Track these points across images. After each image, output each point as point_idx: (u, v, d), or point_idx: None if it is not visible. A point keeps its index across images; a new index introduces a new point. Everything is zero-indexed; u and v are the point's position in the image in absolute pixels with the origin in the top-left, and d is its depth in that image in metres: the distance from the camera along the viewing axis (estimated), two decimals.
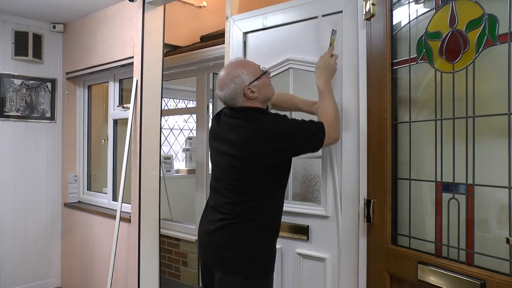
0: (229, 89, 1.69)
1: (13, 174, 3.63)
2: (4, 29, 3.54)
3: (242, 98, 1.70)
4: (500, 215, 1.33)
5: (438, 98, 1.47)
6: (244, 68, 1.70)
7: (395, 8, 1.64)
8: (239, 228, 1.68)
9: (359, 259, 1.78)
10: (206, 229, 1.79)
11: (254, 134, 1.64)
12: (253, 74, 1.70)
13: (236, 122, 1.71)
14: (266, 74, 1.75)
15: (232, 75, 1.69)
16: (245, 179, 1.69)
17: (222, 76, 1.72)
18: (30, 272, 3.72)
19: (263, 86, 1.72)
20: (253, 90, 1.69)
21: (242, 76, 1.68)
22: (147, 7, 2.93)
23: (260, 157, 1.65)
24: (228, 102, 1.73)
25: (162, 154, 4.38)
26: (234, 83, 1.68)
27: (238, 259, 1.69)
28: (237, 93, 1.68)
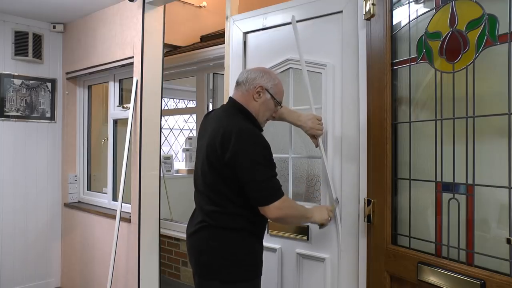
0: (257, 73, 1.75)
1: (13, 174, 3.63)
2: (4, 29, 3.54)
3: (250, 88, 1.73)
4: (500, 215, 1.33)
5: (438, 98, 1.47)
6: (278, 82, 1.78)
7: (395, 8, 1.64)
8: (215, 232, 1.65)
9: (359, 259, 1.79)
10: (188, 231, 1.80)
11: (232, 133, 1.58)
12: (275, 92, 1.76)
13: (227, 115, 1.71)
14: (278, 107, 1.80)
15: (269, 72, 1.78)
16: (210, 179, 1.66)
17: (264, 67, 1.85)
18: (30, 272, 3.72)
19: (267, 104, 1.75)
20: (261, 95, 1.73)
21: (272, 81, 1.75)
22: (147, 7, 2.93)
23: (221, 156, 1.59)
24: (243, 79, 1.75)
25: (162, 154, 4.37)
26: (263, 75, 1.75)
27: (214, 263, 1.65)
28: (255, 80, 1.73)
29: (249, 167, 1.58)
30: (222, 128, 1.62)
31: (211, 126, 1.72)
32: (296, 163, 2.13)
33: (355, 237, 1.84)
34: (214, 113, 1.85)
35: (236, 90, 1.79)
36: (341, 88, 1.92)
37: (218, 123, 1.68)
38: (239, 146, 1.57)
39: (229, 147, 1.57)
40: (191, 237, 1.75)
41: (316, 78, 2.04)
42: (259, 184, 1.58)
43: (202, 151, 1.72)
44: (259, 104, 1.73)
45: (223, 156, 1.58)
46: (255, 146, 1.60)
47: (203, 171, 1.69)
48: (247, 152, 1.58)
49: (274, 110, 1.79)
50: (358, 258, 1.80)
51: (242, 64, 2.32)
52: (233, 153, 1.56)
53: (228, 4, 2.44)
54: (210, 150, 1.64)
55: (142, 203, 2.91)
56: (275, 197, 1.59)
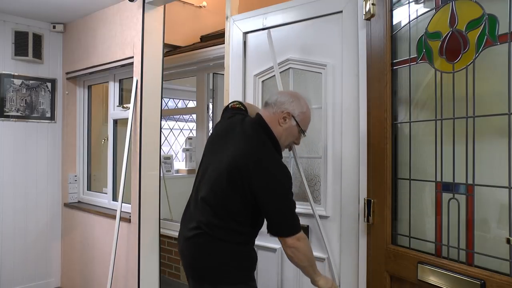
0: (289, 98, 1.74)
1: (13, 174, 3.63)
2: (4, 29, 3.54)
3: (277, 112, 1.72)
4: (500, 215, 1.33)
5: (438, 98, 1.47)
6: (307, 111, 1.77)
7: (395, 8, 1.64)
8: (213, 241, 1.64)
9: (359, 259, 1.79)
10: (182, 234, 1.76)
11: (258, 159, 1.61)
12: (301, 120, 1.74)
13: (253, 134, 1.68)
14: (300, 136, 1.80)
15: (297, 98, 1.76)
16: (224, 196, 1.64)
17: (294, 91, 1.85)
18: (30, 272, 3.72)
19: (291, 131, 1.74)
20: (287, 120, 1.72)
21: (300, 109, 1.74)
22: (147, 7, 2.93)
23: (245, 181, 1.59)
24: (273, 100, 1.75)
25: (162, 154, 4.37)
26: (294, 101, 1.73)
27: (211, 268, 1.65)
28: (284, 105, 1.72)
29: (275, 197, 1.60)
30: (250, 153, 1.62)
31: (236, 141, 1.67)
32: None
33: (355, 237, 1.84)
34: (239, 122, 1.76)
35: (264, 109, 1.78)
36: (341, 88, 1.92)
37: (246, 144, 1.65)
38: (268, 176, 1.59)
39: (257, 175, 1.58)
40: (187, 242, 1.71)
41: (316, 78, 2.04)
42: (284, 215, 1.61)
43: (220, 163, 1.66)
44: (283, 129, 1.72)
45: (249, 182, 1.58)
46: (282, 177, 1.62)
47: (218, 184, 1.64)
48: (275, 183, 1.60)
49: (297, 137, 1.79)
50: (358, 258, 1.80)
51: (242, 64, 2.32)
52: (260, 182, 1.58)
53: (228, 4, 2.43)
54: (234, 171, 1.60)
55: (142, 203, 2.91)
56: (297, 229, 1.62)
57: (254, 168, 1.58)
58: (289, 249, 1.62)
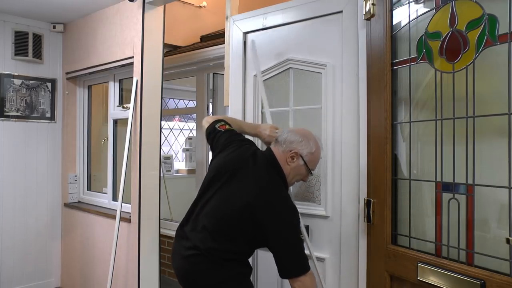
0: (295, 137, 1.75)
1: (13, 174, 3.63)
2: (4, 29, 3.54)
3: (286, 151, 1.74)
4: (500, 215, 1.33)
5: (438, 98, 1.47)
6: (316, 150, 1.77)
7: (395, 8, 1.64)
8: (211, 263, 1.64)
9: (359, 259, 1.78)
10: (179, 252, 1.75)
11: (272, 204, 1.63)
12: (309, 160, 1.76)
13: (267, 176, 1.70)
14: (308, 175, 1.81)
15: (307, 137, 1.77)
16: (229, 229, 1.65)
17: (308, 130, 1.84)
18: (30, 271, 3.72)
19: (299, 170, 1.76)
20: (295, 160, 1.73)
21: (306, 148, 1.74)
22: (147, 7, 2.93)
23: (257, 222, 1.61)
24: (280, 139, 1.77)
25: (162, 154, 4.38)
26: (300, 139, 1.74)
27: (210, 285, 1.66)
28: (291, 145, 1.74)
29: (287, 243, 1.61)
30: (265, 197, 1.63)
31: (250, 180, 1.68)
32: None
33: (355, 237, 1.84)
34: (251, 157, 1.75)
35: (275, 145, 1.79)
36: (341, 88, 1.92)
37: (260, 186, 1.66)
38: (281, 223, 1.61)
39: (271, 221, 1.60)
40: (183, 260, 1.70)
41: (316, 78, 2.04)
42: (294, 258, 1.61)
43: (232, 199, 1.65)
44: (290, 168, 1.74)
45: (262, 224, 1.60)
46: (293, 221, 1.65)
47: (227, 219, 1.64)
48: (287, 230, 1.62)
49: (305, 175, 1.80)
50: (358, 258, 1.80)
51: (242, 64, 2.32)
52: (274, 228, 1.60)
53: (228, 4, 2.44)
54: (248, 211, 1.60)
55: (142, 203, 2.91)
56: (307, 268, 1.62)
57: (268, 213, 1.61)
58: (296, 284, 1.62)
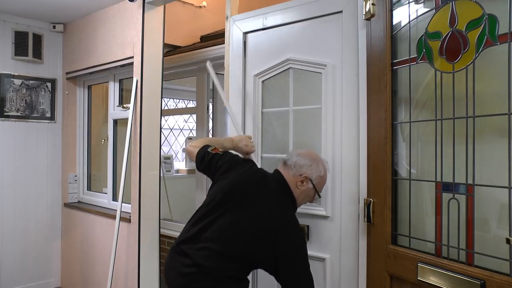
0: (304, 161, 1.75)
1: (13, 174, 3.63)
2: (4, 29, 3.54)
3: (296, 174, 1.73)
4: (500, 215, 1.33)
5: (438, 98, 1.47)
6: (324, 174, 1.78)
7: (395, 8, 1.64)
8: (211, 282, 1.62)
9: (359, 259, 1.78)
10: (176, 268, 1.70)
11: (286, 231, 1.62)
12: (317, 184, 1.76)
13: (279, 200, 1.70)
14: (316, 197, 1.81)
15: (316, 161, 1.77)
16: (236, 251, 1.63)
17: (315, 153, 1.84)
18: (30, 272, 3.72)
19: (307, 193, 1.76)
20: (304, 184, 1.73)
21: (316, 171, 1.75)
22: (147, 7, 2.93)
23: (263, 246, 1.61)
24: (292, 162, 1.76)
25: (162, 154, 4.37)
26: (312, 165, 1.75)
27: None
28: (302, 169, 1.74)
29: (297, 268, 1.61)
30: (278, 222, 1.62)
31: (262, 204, 1.67)
32: None
33: (355, 237, 1.84)
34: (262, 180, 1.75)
35: (284, 167, 1.78)
36: (341, 88, 1.92)
37: (273, 211, 1.66)
38: (293, 249, 1.61)
39: (283, 246, 1.60)
40: (182, 278, 1.67)
41: (316, 78, 2.04)
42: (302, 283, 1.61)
43: (243, 221, 1.65)
44: (300, 191, 1.74)
45: (273, 249, 1.60)
46: (303, 246, 1.65)
47: (236, 242, 1.63)
48: (299, 256, 1.62)
49: (312, 197, 1.80)
50: (358, 258, 1.80)
51: (242, 64, 2.32)
52: (285, 254, 1.59)
53: (228, 4, 2.43)
54: (260, 236, 1.61)
55: (142, 203, 2.91)
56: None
57: (281, 238, 1.60)
58: None
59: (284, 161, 1.80)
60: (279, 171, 1.78)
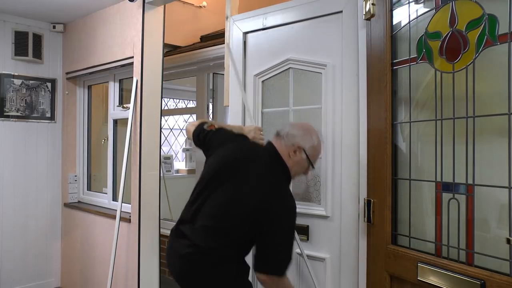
0: (297, 131, 1.75)
1: (13, 174, 3.62)
2: (4, 29, 3.54)
3: (288, 145, 1.73)
4: (500, 215, 1.33)
5: (438, 98, 1.47)
6: (317, 145, 1.77)
7: (395, 8, 1.64)
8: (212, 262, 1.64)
9: (359, 259, 1.78)
10: (176, 251, 1.72)
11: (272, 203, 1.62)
12: (311, 154, 1.75)
13: (270, 173, 1.69)
14: (310, 168, 1.79)
15: (309, 131, 1.77)
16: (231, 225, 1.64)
17: (309, 124, 1.84)
18: (30, 272, 3.72)
19: (301, 164, 1.75)
20: (297, 154, 1.73)
21: (308, 142, 1.74)
22: (147, 7, 2.93)
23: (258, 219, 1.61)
24: (285, 133, 1.76)
25: (162, 154, 4.38)
26: (305, 135, 1.74)
27: (208, 285, 1.65)
28: (295, 139, 1.73)
29: (280, 239, 1.62)
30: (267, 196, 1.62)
31: (252, 178, 1.67)
32: None
33: (355, 237, 1.84)
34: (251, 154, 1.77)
35: (276, 139, 1.78)
36: (341, 88, 1.92)
37: (263, 184, 1.66)
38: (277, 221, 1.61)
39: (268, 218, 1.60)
40: (181, 259, 1.68)
41: (316, 78, 2.04)
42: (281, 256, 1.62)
43: (234, 197, 1.65)
44: (293, 162, 1.73)
45: (260, 220, 1.60)
46: (290, 220, 1.65)
47: (229, 218, 1.64)
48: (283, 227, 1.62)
49: (306, 169, 1.79)
50: (358, 258, 1.80)
51: (242, 64, 2.32)
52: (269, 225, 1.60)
53: (228, 4, 2.43)
54: (249, 209, 1.61)
55: (142, 203, 2.91)
56: (284, 272, 1.63)
57: (269, 211, 1.60)
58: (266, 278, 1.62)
59: (277, 132, 1.80)
60: (272, 143, 1.78)
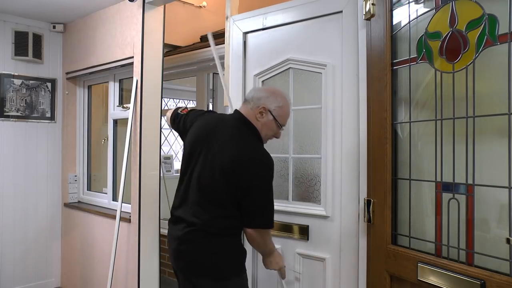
0: (265, 93, 1.79)
1: (13, 174, 3.62)
2: (4, 29, 3.54)
3: (255, 107, 1.77)
4: (500, 215, 1.33)
5: (438, 98, 1.47)
6: (284, 104, 1.79)
7: (395, 8, 1.64)
8: (207, 236, 1.70)
9: (359, 259, 1.79)
10: (173, 235, 1.81)
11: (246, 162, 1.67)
12: (278, 115, 1.78)
13: (238, 134, 1.73)
14: (279, 129, 1.82)
15: (274, 93, 1.80)
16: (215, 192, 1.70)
17: (273, 87, 1.91)
18: (30, 272, 3.72)
19: (269, 125, 1.78)
20: (263, 115, 1.76)
21: (274, 102, 1.77)
22: (147, 7, 2.93)
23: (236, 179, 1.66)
24: (251, 96, 1.80)
25: (162, 154, 4.37)
26: (270, 96, 1.78)
27: (207, 263, 1.70)
28: (260, 100, 1.77)
29: (259, 195, 1.69)
30: (240, 156, 1.67)
31: (223, 143, 1.71)
32: (296, 163, 2.13)
33: (355, 237, 1.84)
34: (218, 122, 1.82)
35: (243, 105, 1.84)
36: (341, 88, 1.92)
37: (235, 146, 1.70)
38: (256, 177, 1.67)
39: (247, 175, 1.65)
40: (179, 240, 1.76)
41: (316, 78, 2.04)
42: (265, 210, 1.70)
43: (211, 167, 1.70)
44: (261, 124, 1.77)
45: (239, 179, 1.65)
46: (266, 174, 1.69)
47: (212, 187, 1.70)
48: (260, 181, 1.68)
49: (276, 131, 1.82)
50: (358, 258, 1.80)
51: (242, 64, 2.32)
52: (249, 182, 1.66)
53: (228, 4, 2.43)
54: (227, 174, 1.66)
55: (142, 203, 2.91)
56: (271, 224, 1.73)
57: (245, 170, 1.65)
58: (255, 231, 1.71)
59: (245, 99, 1.85)
60: (238, 110, 1.83)
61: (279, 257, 1.87)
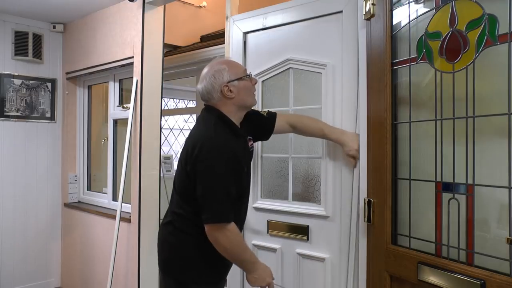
0: (207, 82, 1.64)
1: (13, 174, 3.63)
2: (4, 29, 3.54)
3: (218, 95, 1.64)
4: (500, 215, 1.33)
5: (438, 98, 1.47)
6: (227, 65, 1.66)
7: (395, 8, 1.63)
8: (176, 231, 1.67)
9: (359, 259, 1.78)
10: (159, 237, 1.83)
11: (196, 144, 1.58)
12: (235, 74, 1.65)
13: (202, 120, 1.71)
14: (251, 79, 1.71)
15: (214, 69, 1.65)
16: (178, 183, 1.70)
17: (204, 70, 1.68)
18: (30, 272, 3.72)
19: (243, 89, 1.66)
20: (231, 89, 1.63)
21: (223, 72, 1.63)
22: (147, 7, 2.93)
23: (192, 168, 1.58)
24: (205, 96, 1.67)
25: (162, 154, 4.37)
26: (214, 77, 1.63)
27: (172, 261, 1.68)
28: (214, 88, 1.63)
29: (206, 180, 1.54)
30: (192, 138, 1.66)
31: (191, 134, 1.73)
32: (296, 163, 2.13)
33: (355, 237, 1.84)
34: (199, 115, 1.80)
35: (207, 105, 1.72)
36: (341, 88, 1.92)
37: (195, 132, 1.70)
38: (199, 160, 1.55)
39: (191, 158, 1.57)
40: (160, 230, 1.81)
41: (316, 78, 2.04)
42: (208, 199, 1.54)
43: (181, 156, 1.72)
44: (236, 95, 1.65)
45: (186, 163, 1.61)
46: (212, 157, 1.54)
47: (179, 174, 1.70)
48: (206, 168, 1.54)
49: (250, 86, 1.70)
50: (358, 258, 1.80)
51: (242, 64, 2.32)
52: (194, 166, 1.56)
53: (228, 4, 2.43)
54: (186, 159, 1.63)
55: (142, 203, 2.91)
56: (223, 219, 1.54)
57: (191, 153, 1.57)
58: (210, 231, 1.55)
59: (204, 102, 1.71)
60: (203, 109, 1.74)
61: (265, 272, 1.65)
